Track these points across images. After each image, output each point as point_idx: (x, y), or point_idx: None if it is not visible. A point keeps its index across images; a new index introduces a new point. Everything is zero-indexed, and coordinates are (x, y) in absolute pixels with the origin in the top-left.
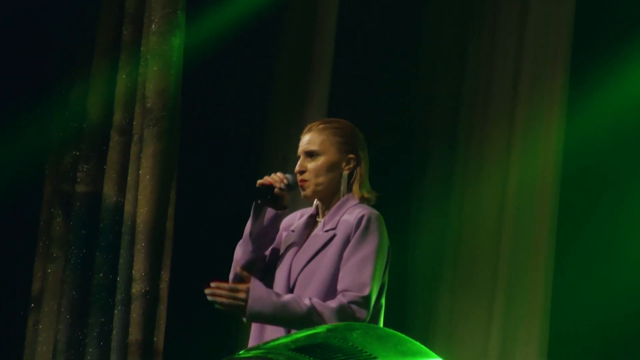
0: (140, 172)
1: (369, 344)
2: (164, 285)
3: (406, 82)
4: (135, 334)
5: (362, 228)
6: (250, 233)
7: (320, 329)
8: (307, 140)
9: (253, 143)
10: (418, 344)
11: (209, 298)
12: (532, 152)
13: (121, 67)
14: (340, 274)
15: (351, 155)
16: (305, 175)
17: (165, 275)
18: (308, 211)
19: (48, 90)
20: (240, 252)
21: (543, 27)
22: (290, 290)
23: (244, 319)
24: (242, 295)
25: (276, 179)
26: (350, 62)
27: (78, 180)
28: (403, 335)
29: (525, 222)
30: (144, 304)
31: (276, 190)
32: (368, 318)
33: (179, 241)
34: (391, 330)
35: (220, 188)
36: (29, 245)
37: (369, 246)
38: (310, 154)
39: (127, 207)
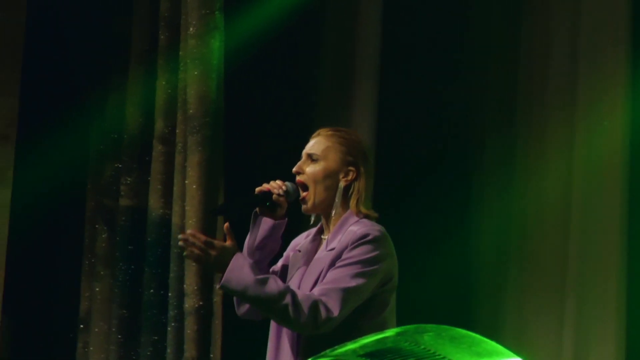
0: (186, 182)
1: (442, 345)
2: (217, 299)
3: (457, 68)
4: (190, 351)
5: (360, 241)
6: (249, 244)
7: (389, 332)
8: (312, 143)
9: (299, 146)
10: (493, 343)
11: (180, 243)
12: (597, 132)
13: (160, 74)
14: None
15: (351, 168)
16: (303, 177)
17: (218, 289)
18: (314, 231)
19: (84, 102)
20: None
21: (600, 1)
22: None
23: (218, 286)
24: (213, 252)
25: (275, 185)
26: (398, 54)
27: (121, 194)
28: (477, 335)
29: (594, 206)
30: (198, 319)
31: (274, 196)
32: (331, 324)
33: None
34: (464, 331)
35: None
36: (74, 264)
37: (358, 255)
38: (311, 157)
39: (175, 219)
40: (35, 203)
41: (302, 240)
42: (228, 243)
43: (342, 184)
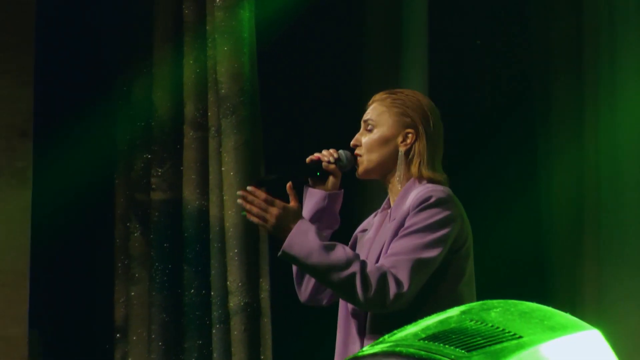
0: (222, 169)
1: (511, 322)
2: (265, 295)
3: (515, 16)
4: (239, 353)
5: (423, 206)
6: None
7: (452, 311)
8: (369, 110)
9: (343, 126)
10: (567, 315)
11: (238, 201)
12: None
13: (186, 52)
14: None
15: (409, 130)
16: (360, 149)
17: (265, 284)
18: (381, 208)
19: (106, 89)
20: None
21: None
22: None
23: (279, 253)
24: (275, 211)
25: (325, 153)
26: (447, 7)
27: (153, 187)
28: (549, 308)
29: None
30: (244, 318)
31: (324, 164)
32: (402, 301)
33: (276, 243)
34: (535, 304)
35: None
36: (106, 267)
37: (422, 220)
38: (367, 125)
39: (213, 211)
40: (59, 203)
41: (370, 220)
42: (291, 204)
43: (401, 149)
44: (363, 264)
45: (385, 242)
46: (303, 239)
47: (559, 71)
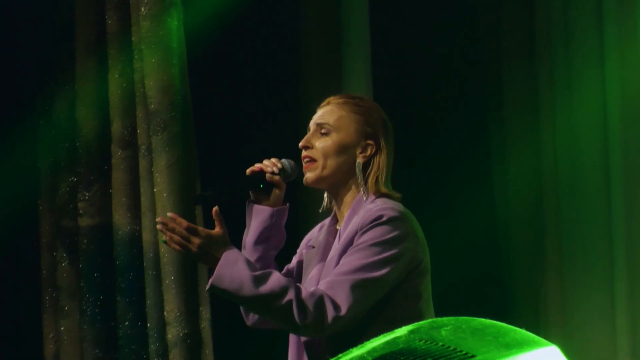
0: (155, 190)
1: (463, 340)
2: (205, 325)
3: (466, 8)
4: None
5: (369, 223)
6: (248, 238)
7: (400, 331)
8: (322, 112)
9: (285, 137)
10: (523, 331)
11: (158, 227)
12: (633, 59)
13: (111, 65)
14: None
15: (370, 141)
16: (311, 152)
17: (205, 313)
18: (327, 222)
19: (26, 107)
20: None
21: None
22: None
23: (207, 287)
24: (197, 241)
25: (267, 163)
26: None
27: (80, 212)
28: (503, 324)
29: (638, 141)
30: (184, 351)
31: (267, 176)
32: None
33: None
34: (488, 321)
35: None
36: (33, 300)
37: (371, 238)
38: (322, 128)
39: (146, 236)
40: None
41: (315, 234)
42: (216, 231)
43: (359, 160)
44: (297, 291)
45: (333, 268)
46: (232, 271)
47: (511, 58)
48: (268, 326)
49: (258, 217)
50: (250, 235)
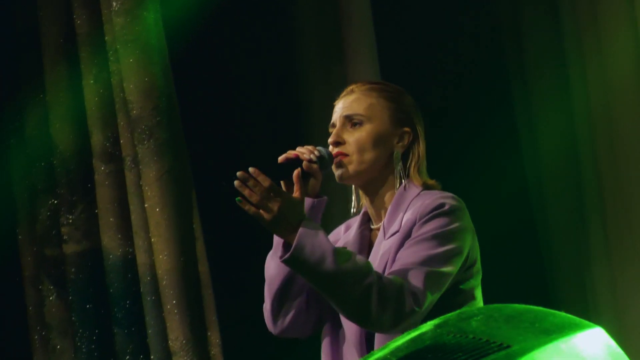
0: (146, 205)
1: (496, 330)
2: (216, 352)
3: None
4: None
5: (436, 212)
6: None
7: (426, 327)
8: (348, 103)
9: (285, 134)
10: (562, 314)
11: (235, 183)
12: None
13: (84, 71)
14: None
15: (406, 129)
16: (345, 148)
17: (214, 338)
18: (355, 221)
19: None
20: (274, 267)
21: None
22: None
23: (281, 257)
24: (278, 203)
25: (303, 150)
26: None
27: (65, 238)
28: (540, 308)
29: None
30: None
31: (305, 164)
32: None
33: (221, 287)
34: (522, 306)
35: None
36: (20, 341)
37: (434, 229)
38: (351, 120)
39: (141, 258)
40: None
41: (340, 235)
42: (297, 196)
43: (398, 150)
44: (378, 275)
45: (388, 263)
46: (313, 241)
47: (531, 12)
48: (304, 333)
49: None
50: None
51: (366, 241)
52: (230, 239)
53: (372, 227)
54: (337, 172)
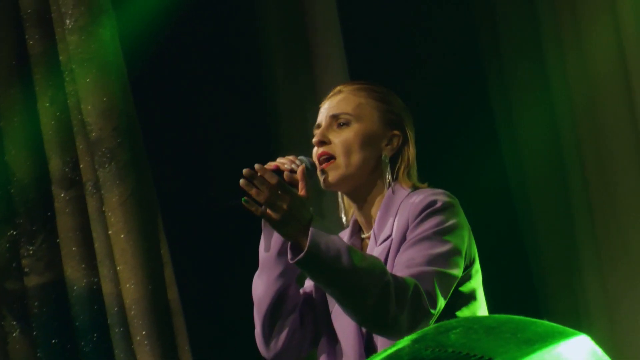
0: (110, 232)
1: (476, 342)
2: None
3: None
4: None
5: (430, 210)
6: (267, 252)
7: (403, 342)
8: (336, 102)
9: (255, 150)
10: (545, 323)
11: (241, 182)
12: None
13: (39, 93)
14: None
15: (396, 132)
16: (329, 148)
17: (293, 260)
18: (344, 234)
19: None
20: (262, 286)
21: None
22: (367, 340)
23: (293, 257)
24: (287, 201)
25: (283, 160)
26: None
27: (26, 270)
28: (521, 318)
29: None
30: None
31: (286, 175)
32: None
33: (193, 314)
34: (503, 316)
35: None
36: None
37: (431, 227)
38: (338, 120)
39: (107, 288)
40: None
41: None
42: (303, 194)
43: (386, 153)
44: (392, 274)
45: (389, 267)
46: (327, 239)
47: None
48: (291, 356)
49: None
50: (271, 245)
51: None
52: (200, 262)
53: (363, 236)
54: (322, 178)
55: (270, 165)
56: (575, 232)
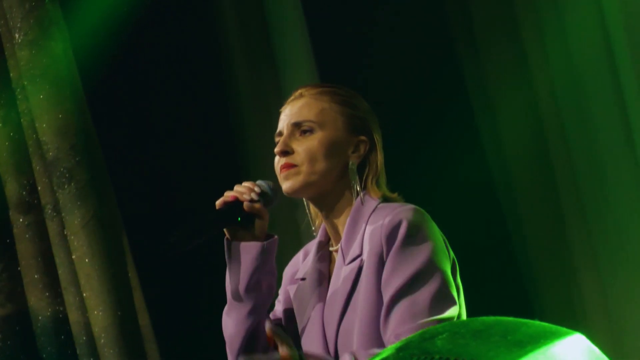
0: (73, 257)
1: (464, 347)
2: None
3: None
4: None
5: (401, 238)
6: (234, 288)
7: (387, 351)
8: (297, 108)
9: (218, 155)
10: (536, 323)
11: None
12: None
13: None
14: (384, 311)
15: (362, 137)
16: (293, 159)
17: None
18: (313, 245)
19: None
20: (232, 324)
21: None
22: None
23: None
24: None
25: (242, 189)
26: None
27: None
28: (511, 319)
29: None
30: None
31: (246, 205)
32: None
33: (166, 340)
34: (491, 318)
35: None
36: None
37: (420, 257)
38: (300, 127)
39: (73, 316)
40: None
41: (298, 265)
42: (284, 355)
43: (353, 161)
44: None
45: (358, 293)
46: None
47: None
48: None
49: (245, 257)
50: (239, 282)
51: (325, 267)
52: (171, 285)
53: (331, 249)
54: (284, 185)
55: (228, 196)
56: (565, 226)
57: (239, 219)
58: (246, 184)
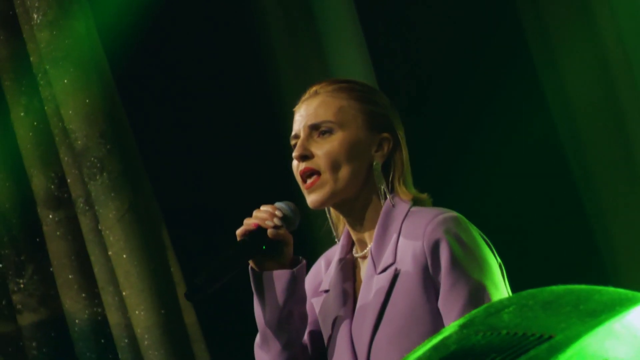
0: (109, 253)
1: (533, 320)
2: None
3: None
4: None
5: (450, 254)
6: (267, 321)
7: (449, 329)
8: (313, 108)
9: (260, 144)
10: (610, 289)
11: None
12: None
13: (11, 102)
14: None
15: (386, 134)
16: (313, 163)
17: None
18: (334, 252)
19: None
20: (266, 357)
21: None
22: None
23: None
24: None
25: (263, 215)
26: None
27: (18, 307)
28: (582, 286)
29: None
30: None
31: (270, 232)
32: None
33: (215, 340)
34: (561, 287)
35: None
36: None
37: (475, 272)
38: (319, 129)
39: (113, 318)
40: None
41: (321, 275)
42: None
43: (377, 160)
44: None
45: (391, 305)
46: None
47: None
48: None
49: (275, 287)
50: (271, 314)
51: (350, 275)
52: (219, 276)
53: (356, 255)
54: (309, 198)
55: (249, 224)
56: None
57: (264, 247)
58: (265, 207)
